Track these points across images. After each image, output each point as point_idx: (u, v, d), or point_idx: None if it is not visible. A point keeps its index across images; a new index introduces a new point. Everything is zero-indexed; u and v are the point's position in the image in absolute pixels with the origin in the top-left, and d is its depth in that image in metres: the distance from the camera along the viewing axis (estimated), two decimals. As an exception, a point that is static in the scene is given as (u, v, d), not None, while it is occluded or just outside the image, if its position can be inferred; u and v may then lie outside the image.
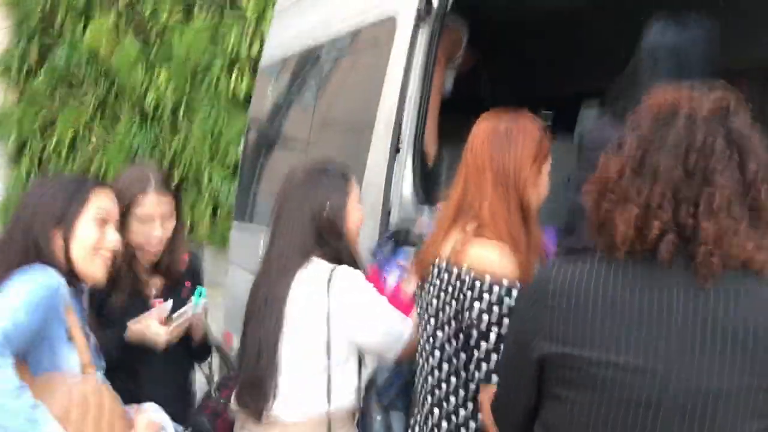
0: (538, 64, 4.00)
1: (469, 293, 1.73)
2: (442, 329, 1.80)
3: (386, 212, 2.69)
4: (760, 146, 1.28)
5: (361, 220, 2.22)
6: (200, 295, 2.36)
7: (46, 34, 8.84)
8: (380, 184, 2.71)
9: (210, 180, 7.56)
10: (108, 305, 2.30)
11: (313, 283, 2.06)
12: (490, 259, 1.73)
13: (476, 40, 3.41)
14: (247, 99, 7.00)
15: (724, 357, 1.21)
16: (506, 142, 1.81)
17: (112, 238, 1.87)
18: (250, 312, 2.15)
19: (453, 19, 2.98)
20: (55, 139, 8.53)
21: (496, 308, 1.70)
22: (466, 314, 1.74)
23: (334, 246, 2.11)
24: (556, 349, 1.30)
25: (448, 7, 2.65)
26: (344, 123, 3.27)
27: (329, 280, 2.04)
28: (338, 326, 2.04)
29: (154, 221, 2.32)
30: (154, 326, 2.24)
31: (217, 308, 4.11)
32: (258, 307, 2.11)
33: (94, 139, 8.50)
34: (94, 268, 1.86)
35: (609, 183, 1.31)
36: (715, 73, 2.50)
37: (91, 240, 1.84)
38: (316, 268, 2.08)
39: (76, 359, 1.77)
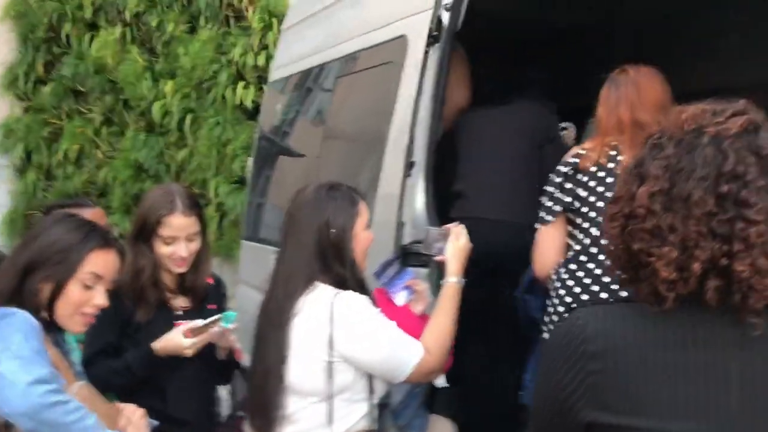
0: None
1: None
2: None
3: (399, 228, 2.72)
4: None
5: (368, 244, 2.18)
6: (231, 319, 2.36)
7: (53, 46, 8.87)
8: (393, 200, 2.75)
9: (216, 192, 7.55)
10: (134, 322, 2.33)
11: (316, 308, 2.03)
12: None
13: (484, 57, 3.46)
14: (254, 110, 7.03)
15: None
16: None
17: (100, 301, 1.91)
18: (258, 336, 2.13)
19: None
20: (61, 152, 8.56)
21: None
22: None
23: (338, 271, 2.07)
24: (607, 419, 1.16)
25: (458, 27, 2.69)
26: (356, 141, 3.30)
27: (331, 306, 2.00)
28: (340, 351, 2.00)
29: (179, 242, 2.34)
30: (179, 335, 2.26)
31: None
32: (265, 331, 2.10)
33: (100, 153, 8.52)
34: (73, 324, 1.93)
35: (637, 219, 1.17)
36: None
37: (76, 301, 1.89)
38: (320, 293, 2.05)
39: (63, 381, 1.83)
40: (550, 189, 2.47)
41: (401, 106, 2.80)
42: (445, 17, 2.68)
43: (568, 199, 2.41)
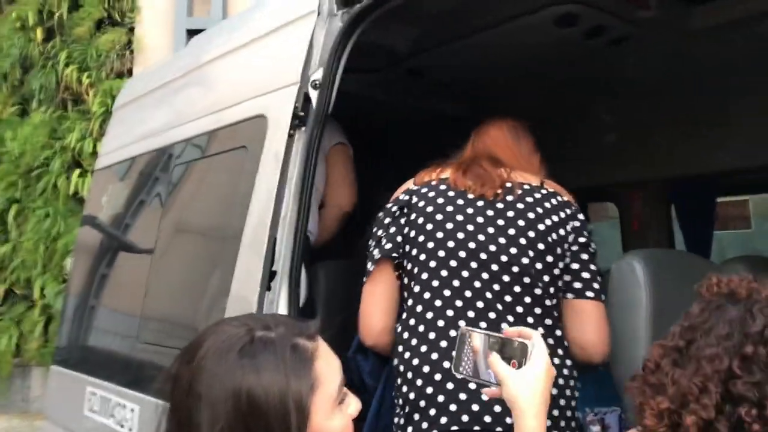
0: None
1: None
2: None
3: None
4: None
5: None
6: None
7: None
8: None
9: (42, 292, 6.76)
10: None
11: None
12: None
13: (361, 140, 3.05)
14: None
15: None
16: None
17: None
18: None
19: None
20: None
21: None
22: None
23: None
24: None
25: (330, 109, 2.23)
26: (200, 245, 2.71)
27: None
28: None
29: None
30: None
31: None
32: None
33: None
34: None
35: (648, 373, 1.24)
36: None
37: None
38: None
39: None
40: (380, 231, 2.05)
41: (259, 203, 2.27)
42: (314, 95, 2.22)
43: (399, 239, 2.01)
